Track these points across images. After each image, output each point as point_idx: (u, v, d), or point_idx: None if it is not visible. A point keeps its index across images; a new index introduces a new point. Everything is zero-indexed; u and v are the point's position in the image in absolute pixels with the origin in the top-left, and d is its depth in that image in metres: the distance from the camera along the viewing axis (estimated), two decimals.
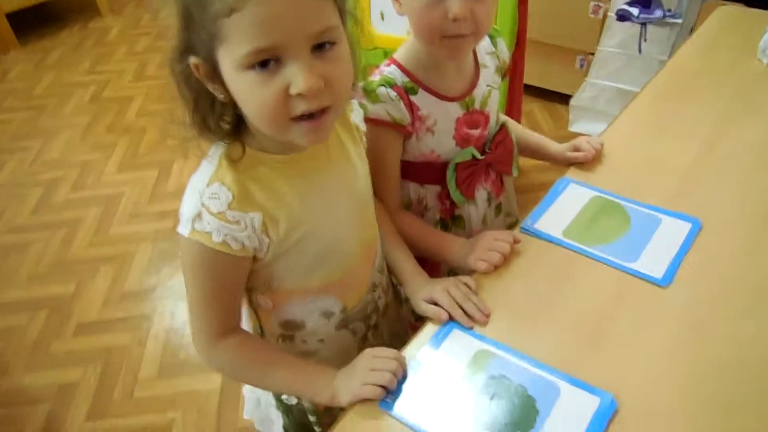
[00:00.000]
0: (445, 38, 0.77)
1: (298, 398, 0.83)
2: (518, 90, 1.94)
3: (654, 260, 0.82)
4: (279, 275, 0.73)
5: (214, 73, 0.59)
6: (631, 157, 1.03)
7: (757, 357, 0.69)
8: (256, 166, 0.66)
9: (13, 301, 1.87)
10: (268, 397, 0.89)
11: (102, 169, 2.44)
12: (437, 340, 0.74)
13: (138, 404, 1.54)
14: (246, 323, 0.82)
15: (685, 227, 0.87)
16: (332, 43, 0.58)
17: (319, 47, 0.57)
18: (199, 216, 0.63)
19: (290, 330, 0.80)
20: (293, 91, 0.56)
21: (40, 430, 1.50)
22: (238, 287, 0.72)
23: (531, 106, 2.54)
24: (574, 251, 0.85)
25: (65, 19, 3.83)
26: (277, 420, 0.90)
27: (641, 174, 0.99)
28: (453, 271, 0.88)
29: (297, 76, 0.55)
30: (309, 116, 0.59)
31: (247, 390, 0.96)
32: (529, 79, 2.26)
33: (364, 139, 0.81)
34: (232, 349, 0.72)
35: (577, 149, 1.01)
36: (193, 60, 0.58)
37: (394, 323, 0.89)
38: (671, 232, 0.86)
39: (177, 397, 1.55)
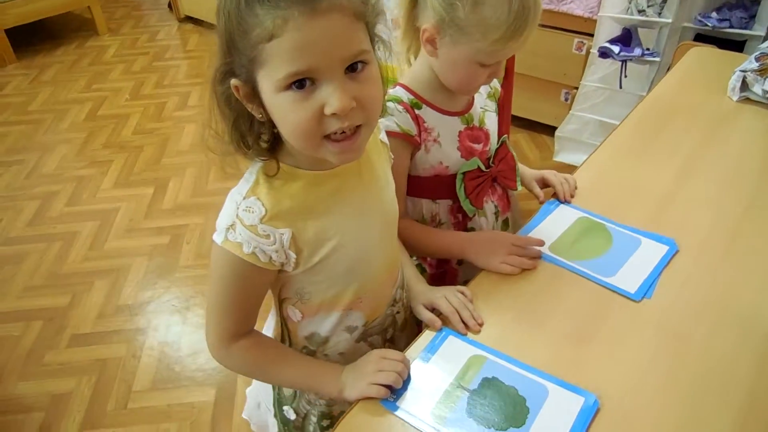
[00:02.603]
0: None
1: (307, 393, 0.87)
2: (506, 121, 2.03)
3: (630, 277, 0.90)
4: (308, 288, 0.78)
5: (254, 94, 0.63)
6: (613, 182, 1.12)
7: (724, 366, 0.77)
8: (290, 182, 0.70)
9: (8, 311, 1.89)
10: (267, 403, 0.93)
11: (98, 185, 2.48)
12: (434, 345, 0.81)
13: (132, 416, 1.57)
14: (272, 333, 0.87)
15: (662, 248, 0.95)
16: (364, 64, 0.62)
17: (352, 69, 0.61)
18: (232, 227, 0.68)
19: (313, 344, 0.84)
20: (327, 110, 0.60)
21: None
22: (259, 296, 0.77)
23: (518, 136, 2.64)
24: (558, 266, 0.92)
25: (63, 37, 3.90)
26: (273, 427, 0.94)
27: (623, 198, 1.08)
28: (469, 282, 0.95)
29: (331, 97, 0.59)
30: (341, 135, 0.63)
31: (249, 391, 1.00)
32: (516, 110, 2.37)
33: (391, 155, 0.86)
34: (245, 349, 0.77)
35: (545, 183, 1.10)
36: (233, 82, 0.62)
37: (410, 339, 0.91)
38: (649, 252, 0.94)
39: (171, 409, 1.58)
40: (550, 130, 2.46)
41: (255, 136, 0.68)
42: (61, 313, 1.88)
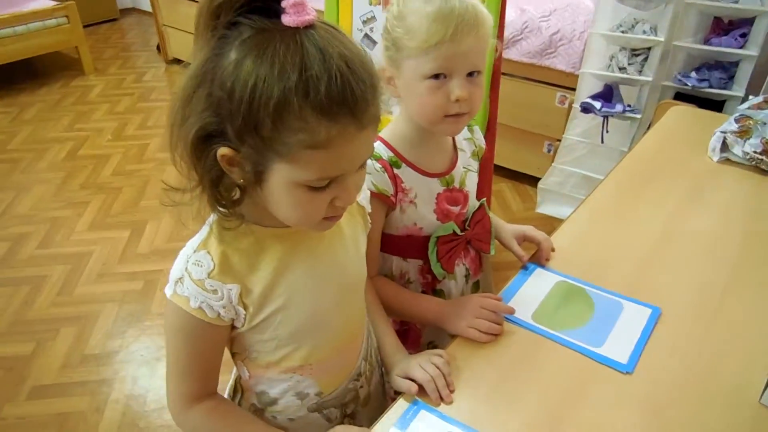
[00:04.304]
0: (448, 117, 0.85)
1: None
2: (488, 171, 2.02)
3: (618, 346, 0.86)
4: (256, 347, 0.74)
5: (243, 164, 0.58)
6: (593, 244, 1.10)
7: None
8: (242, 237, 0.67)
9: None
10: None
11: (72, 227, 2.42)
12: (405, 421, 0.76)
13: None
14: (227, 387, 0.83)
15: (646, 313, 0.92)
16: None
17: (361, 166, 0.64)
18: (181, 280, 0.65)
19: (262, 404, 0.80)
20: (339, 204, 0.62)
21: None
22: (215, 354, 0.73)
23: (501, 186, 2.64)
24: (544, 336, 0.88)
25: (47, 76, 3.89)
26: None
27: (603, 260, 1.05)
28: (433, 343, 0.91)
29: (345, 193, 0.62)
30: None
31: None
32: (499, 160, 2.37)
33: (369, 219, 0.84)
34: (205, 413, 0.73)
35: (527, 240, 1.07)
36: (223, 151, 0.57)
37: (373, 415, 0.85)
38: (633, 318, 0.91)
39: None
40: (534, 180, 2.46)
41: (226, 191, 0.64)
42: (22, 363, 1.79)
